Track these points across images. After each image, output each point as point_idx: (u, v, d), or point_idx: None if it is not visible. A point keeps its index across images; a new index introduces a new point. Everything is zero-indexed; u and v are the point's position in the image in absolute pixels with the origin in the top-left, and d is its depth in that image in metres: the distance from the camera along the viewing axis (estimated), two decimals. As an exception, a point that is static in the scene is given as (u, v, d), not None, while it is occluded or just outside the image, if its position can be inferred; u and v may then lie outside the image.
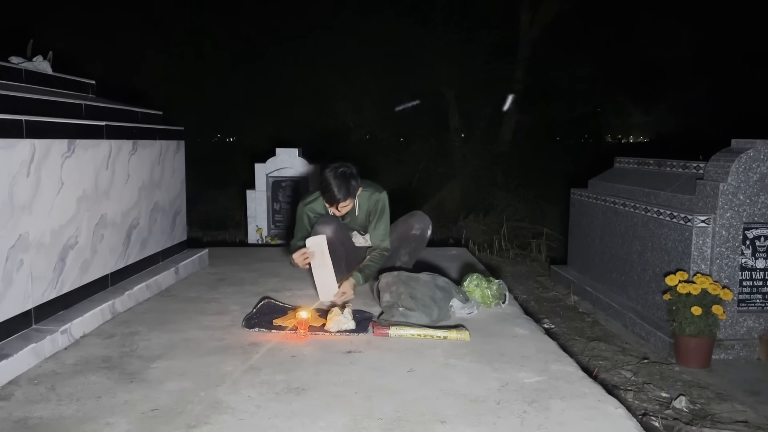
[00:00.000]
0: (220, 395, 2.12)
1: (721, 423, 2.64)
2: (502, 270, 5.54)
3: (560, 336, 3.75)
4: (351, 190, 3.22)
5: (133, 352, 2.56)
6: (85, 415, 1.98)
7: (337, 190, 3.18)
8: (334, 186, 3.18)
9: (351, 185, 3.21)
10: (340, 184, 3.18)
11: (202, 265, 4.21)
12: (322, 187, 3.25)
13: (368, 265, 3.37)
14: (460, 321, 2.96)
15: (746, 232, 3.42)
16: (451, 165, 10.16)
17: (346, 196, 3.21)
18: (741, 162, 3.38)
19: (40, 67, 3.44)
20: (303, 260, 3.26)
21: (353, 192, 3.25)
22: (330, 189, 3.19)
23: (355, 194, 3.27)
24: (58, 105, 3.01)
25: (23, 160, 2.47)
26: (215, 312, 3.13)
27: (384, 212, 3.43)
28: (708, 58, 10.77)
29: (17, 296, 2.45)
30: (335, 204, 3.24)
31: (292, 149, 6.37)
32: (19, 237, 2.44)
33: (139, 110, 3.78)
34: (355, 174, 3.24)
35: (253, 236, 6.33)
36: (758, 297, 3.45)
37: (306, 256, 3.23)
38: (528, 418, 1.96)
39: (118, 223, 3.27)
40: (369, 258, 3.42)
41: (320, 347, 2.61)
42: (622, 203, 4.22)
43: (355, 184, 3.25)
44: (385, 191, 3.46)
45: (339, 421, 1.93)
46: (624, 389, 2.97)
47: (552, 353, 2.57)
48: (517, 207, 8.40)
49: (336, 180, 3.18)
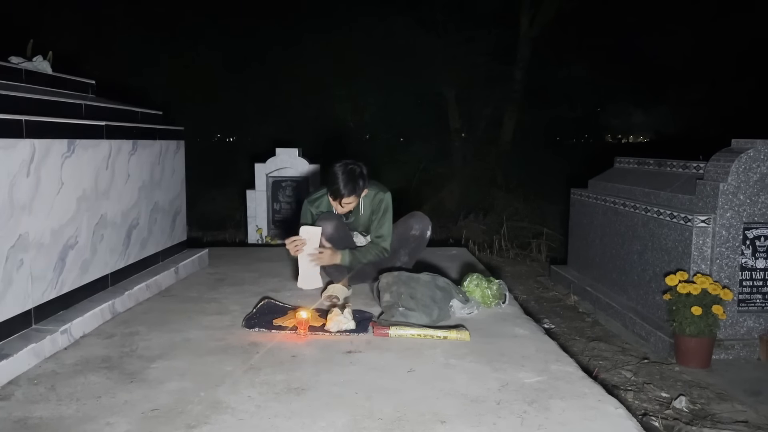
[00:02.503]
0: (220, 395, 2.12)
1: (721, 423, 2.64)
2: (502, 270, 5.54)
3: (560, 336, 3.75)
4: (356, 188, 3.22)
5: (133, 352, 2.56)
6: (85, 415, 1.98)
7: (343, 185, 3.18)
8: (340, 180, 3.18)
9: (358, 183, 3.21)
10: (347, 180, 3.18)
11: (202, 265, 4.21)
12: (329, 180, 3.25)
13: (361, 251, 3.35)
14: (460, 321, 2.96)
15: (746, 232, 3.42)
16: (451, 165, 10.17)
17: (351, 192, 3.20)
18: (741, 162, 3.38)
19: (40, 67, 3.44)
20: (294, 247, 3.30)
21: (358, 191, 3.24)
22: (336, 182, 3.19)
23: (360, 194, 3.27)
24: (58, 105, 3.01)
25: (23, 160, 2.47)
26: (215, 312, 3.13)
27: (387, 212, 3.41)
28: (708, 58, 10.77)
29: (17, 296, 2.45)
30: (339, 199, 3.22)
31: (292, 149, 6.38)
32: (19, 237, 2.44)
33: (139, 110, 3.78)
34: (364, 174, 3.24)
35: (253, 236, 6.33)
36: (758, 297, 3.45)
37: (297, 243, 3.27)
38: (528, 418, 1.96)
39: (118, 223, 3.27)
40: (366, 248, 3.40)
41: (320, 347, 2.61)
42: (622, 203, 4.22)
43: (362, 183, 3.24)
44: (389, 192, 3.45)
45: (339, 421, 1.93)
46: (624, 389, 2.97)
47: (552, 353, 2.57)
48: (517, 207, 8.40)
49: (344, 175, 3.18)
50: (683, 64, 10.71)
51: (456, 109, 10.51)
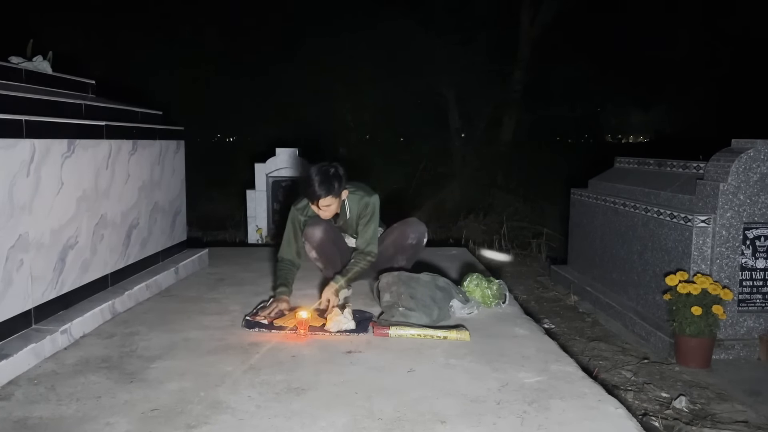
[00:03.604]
0: (220, 395, 2.12)
1: (721, 423, 2.64)
2: (502, 270, 5.54)
3: (560, 336, 3.74)
4: (332, 189, 3.12)
5: (133, 352, 2.56)
6: (85, 415, 1.98)
7: (318, 185, 3.10)
8: (315, 182, 3.10)
9: (332, 184, 3.12)
10: (321, 181, 3.10)
11: (202, 265, 4.21)
12: (306, 183, 3.17)
13: (352, 270, 3.26)
14: (460, 321, 2.96)
15: (746, 232, 3.42)
16: (451, 165, 10.17)
17: (327, 192, 3.11)
18: (741, 162, 3.38)
19: (40, 67, 3.44)
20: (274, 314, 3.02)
21: (335, 191, 3.14)
22: (311, 184, 3.11)
23: (338, 194, 3.17)
24: (58, 105, 3.01)
25: (23, 160, 2.47)
26: (215, 312, 3.13)
27: (373, 216, 3.34)
28: (708, 57, 10.77)
29: (17, 296, 2.45)
30: (316, 201, 3.13)
31: (292, 149, 6.37)
32: (19, 237, 2.44)
33: (139, 110, 3.78)
34: (340, 175, 3.16)
35: (252, 236, 6.33)
36: (758, 297, 3.45)
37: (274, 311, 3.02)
38: (528, 418, 1.96)
39: (118, 223, 3.27)
40: (353, 261, 3.31)
41: (320, 347, 2.61)
42: (622, 203, 4.22)
43: (338, 184, 3.15)
44: (376, 195, 3.38)
45: (339, 421, 1.93)
46: (624, 389, 2.97)
47: (552, 353, 2.57)
48: (517, 207, 8.40)
49: (318, 176, 3.11)
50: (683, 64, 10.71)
51: (456, 109, 10.51)
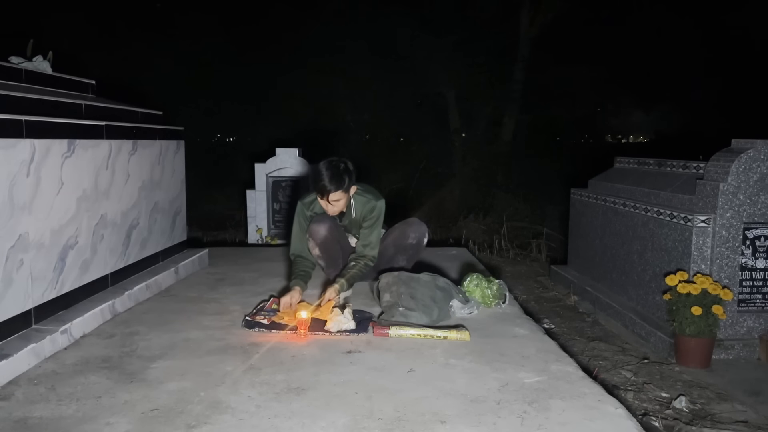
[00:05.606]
0: (220, 395, 2.12)
1: (721, 423, 2.64)
2: (502, 270, 5.54)
3: (560, 336, 3.74)
4: (342, 183, 3.11)
5: (133, 352, 2.56)
6: (85, 415, 1.98)
7: (328, 179, 3.09)
8: (325, 176, 3.09)
9: (343, 178, 3.11)
10: (332, 175, 3.09)
11: (202, 265, 4.21)
12: (315, 177, 3.16)
13: (349, 270, 3.25)
14: (460, 321, 2.96)
15: (746, 232, 3.42)
16: (451, 165, 10.17)
17: (337, 187, 3.10)
18: (741, 162, 3.38)
19: (40, 67, 3.44)
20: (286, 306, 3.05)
21: (345, 185, 3.13)
22: (321, 178, 3.10)
23: (347, 189, 3.16)
24: (58, 105, 3.01)
25: (23, 160, 2.47)
26: (215, 312, 3.13)
27: (378, 220, 3.34)
28: (708, 57, 10.77)
29: (17, 296, 2.45)
30: (325, 195, 3.12)
31: (292, 149, 6.38)
32: (19, 237, 2.44)
33: (139, 110, 3.78)
34: (349, 170, 3.15)
35: (253, 236, 6.33)
36: (758, 297, 3.45)
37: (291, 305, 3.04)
38: (528, 418, 1.95)
39: (118, 223, 3.27)
40: (352, 264, 3.29)
41: (320, 347, 2.61)
42: (622, 203, 4.22)
43: (348, 179, 3.14)
44: (383, 199, 3.37)
45: (339, 421, 1.93)
46: (624, 389, 2.97)
47: (552, 353, 2.57)
48: (517, 207, 8.41)
49: (328, 171, 3.10)
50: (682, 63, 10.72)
51: (456, 109, 10.51)
